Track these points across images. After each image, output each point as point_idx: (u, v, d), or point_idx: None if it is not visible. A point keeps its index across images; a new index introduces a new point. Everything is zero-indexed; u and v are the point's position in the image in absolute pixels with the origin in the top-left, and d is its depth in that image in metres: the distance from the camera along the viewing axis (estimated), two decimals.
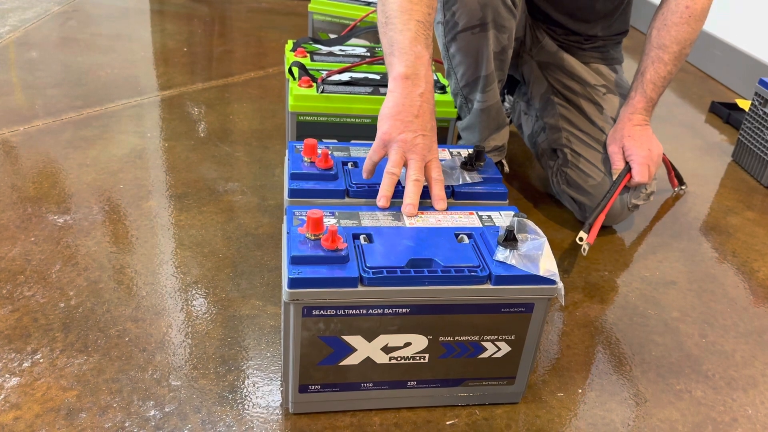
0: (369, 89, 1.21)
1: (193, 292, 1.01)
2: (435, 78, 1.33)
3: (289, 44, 1.43)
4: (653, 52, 1.17)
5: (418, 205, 0.83)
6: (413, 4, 0.90)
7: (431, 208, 0.84)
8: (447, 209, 0.84)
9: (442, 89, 1.25)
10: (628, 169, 1.17)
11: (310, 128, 1.19)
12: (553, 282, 0.75)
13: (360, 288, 0.71)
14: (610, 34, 1.35)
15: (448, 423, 0.82)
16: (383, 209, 0.83)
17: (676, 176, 1.47)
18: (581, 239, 1.09)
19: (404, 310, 0.74)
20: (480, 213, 0.84)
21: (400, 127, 0.84)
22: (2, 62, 1.89)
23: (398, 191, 0.85)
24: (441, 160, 0.94)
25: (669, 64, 1.16)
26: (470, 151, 0.94)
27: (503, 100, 1.68)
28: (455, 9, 1.11)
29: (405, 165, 0.85)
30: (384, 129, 0.85)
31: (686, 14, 1.14)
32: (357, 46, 1.46)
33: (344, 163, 0.92)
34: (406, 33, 0.88)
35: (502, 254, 0.75)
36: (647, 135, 1.19)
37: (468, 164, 0.93)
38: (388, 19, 0.91)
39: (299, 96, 1.17)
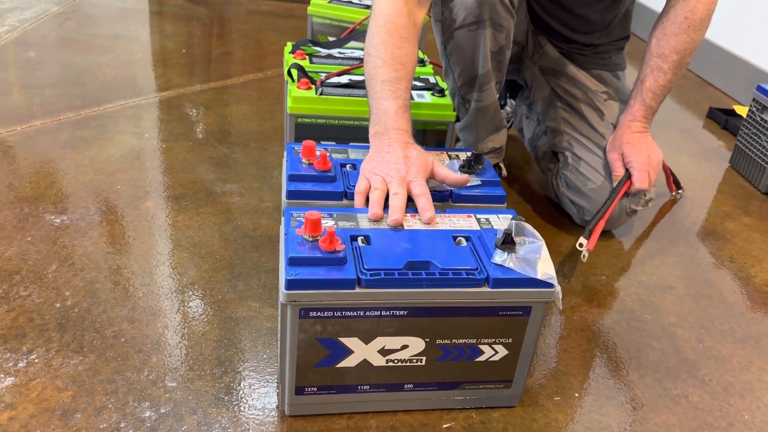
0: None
1: (190, 293, 1.01)
2: (434, 81, 1.33)
3: (288, 46, 1.43)
4: (653, 61, 1.18)
5: (403, 217, 0.81)
6: (377, 68, 0.98)
7: None
8: (445, 211, 0.84)
9: (441, 92, 1.25)
10: (628, 175, 1.17)
11: (308, 130, 1.19)
12: (550, 285, 0.75)
13: (357, 290, 0.71)
14: (611, 40, 1.36)
15: (444, 426, 0.81)
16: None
17: (674, 181, 1.47)
18: (581, 245, 1.09)
19: (401, 313, 0.74)
20: (478, 216, 0.84)
21: (375, 165, 0.88)
22: (0, 62, 1.89)
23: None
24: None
25: (668, 73, 1.17)
26: (469, 154, 0.95)
27: (505, 104, 1.69)
28: (452, 5, 1.11)
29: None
30: (363, 170, 0.89)
31: (685, 24, 1.15)
32: (356, 49, 1.46)
33: (342, 165, 0.92)
34: (374, 96, 0.97)
35: (499, 257, 0.75)
36: (646, 142, 1.19)
37: (466, 167, 0.93)
38: (366, 84, 1.01)
39: (298, 98, 1.17)
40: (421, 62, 1.45)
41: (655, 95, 1.18)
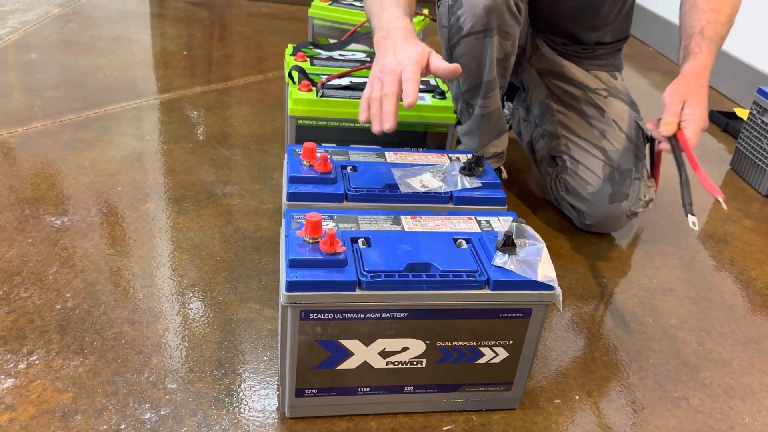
0: None
1: (190, 295, 1.01)
2: (435, 83, 1.33)
3: (289, 48, 1.43)
4: (707, 15, 1.08)
5: (392, 117, 0.84)
6: None
7: (429, 212, 0.84)
8: (446, 213, 0.84)
9: (442, 95, 1.25)
10: (675, 132, 1.03)
11: (309, 132, 1.19)
12: (551, 288, 0.75)
13: (358, 292, 0.71)
14: (612, 40, 1.36)
15: (445, 428, 0.81)
16: (376, 213, 0.83)
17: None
18: (694, 223, 0.97)
19: (402, 315, 0.74)
20: (478, 218, 0.84)
21: (376, 69, 0.90)
22: (2, 64, 1.89)
23: (385, 196, 0.88)
24: (440, 166, 0.95)
25: (725, 26, 1.09)
26: (469, 156, 0.95)
27: (502, 107, 1.68)
28: (460, 13, 1.11)
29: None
30: (369, 77, 0.91)
31: None
32: (357, 51, 1.46)
33: (343, 167, 0.92)
34: (375, 13, 1.00)
35: (500, 259, 0.75)
36: (706, 100, 1.09)
37: (467, 169, 0.93)
38: (367, 13, 1.05)
39: (299, 100, 1.17)
40: None
41: (717, 45, 1.08)
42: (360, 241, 0.76)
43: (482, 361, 0.80)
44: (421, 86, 1.30)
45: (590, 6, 1.28)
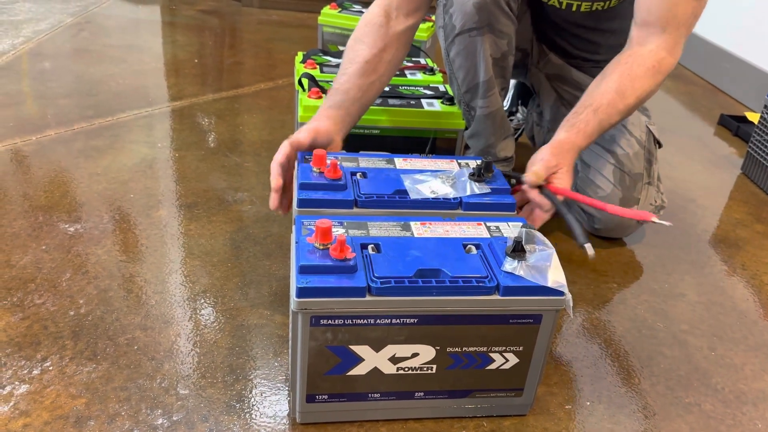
0: (378, 100, 1.22)
1: (202, 301, 1.02)
2: (444, 90, 1.34)
3: (299, 56, 1.44)
4: (610, 95, 1.02)
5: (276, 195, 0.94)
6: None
7: (439, 218, 0.85)
8: (455, 219, 0.85)
9: (451, 101, 1.26)
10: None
11: None
12: (561, 293, 0.75)
13: (368, 298, 0.71)
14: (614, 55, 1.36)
15: None
16: (386, 219, 0.83)
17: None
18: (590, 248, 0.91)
19: (412, 321, 0.74)
20: (488, 224, 0.84)
21: None
22: (15, 72, 1.92)
23: (395, 202, 0.87)
24: (449, 172, 0.95)
25: (618, 116, 1.03)
26: (479, 162, 0.95)
27: (516, 111, 1.69)
28: (452, 11, 1.12)
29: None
30: None
31: (653, 71, 1.03)
32: None
33: (353, 174, 0.93)
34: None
35: (510, 265, 0.75)
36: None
37: (476, 175, 0.93)
38: None
39: (309, 107, 1.18)
40: (431, 71, 1.45)
41: (599, 131, 1.02)
42: (370, 247, 0.77)
43: (492, 367, 0.80)
44: (430, 92, 1.30)
45: (581, 38, 1.28)
